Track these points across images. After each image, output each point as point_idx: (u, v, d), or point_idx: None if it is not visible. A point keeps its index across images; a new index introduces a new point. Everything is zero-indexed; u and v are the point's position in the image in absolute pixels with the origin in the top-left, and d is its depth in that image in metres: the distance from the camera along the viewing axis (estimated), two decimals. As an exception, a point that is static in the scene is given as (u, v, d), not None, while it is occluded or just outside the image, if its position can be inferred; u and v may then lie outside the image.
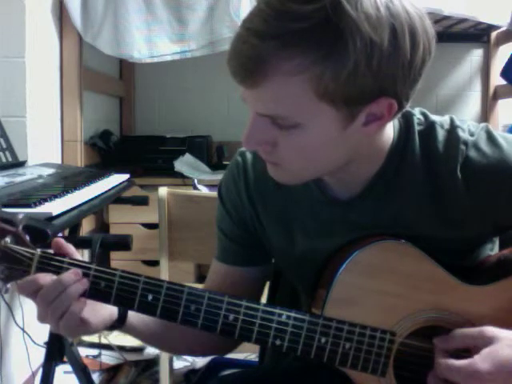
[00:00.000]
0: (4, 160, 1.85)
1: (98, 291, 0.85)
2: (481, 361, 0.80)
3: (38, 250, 0.85)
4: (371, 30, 0.74)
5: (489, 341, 0.82)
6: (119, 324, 0.92)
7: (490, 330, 0.84)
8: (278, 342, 0.86)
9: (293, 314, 0.87)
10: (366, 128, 0.82)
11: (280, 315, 0.87)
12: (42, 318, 0.86)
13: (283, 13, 0.74)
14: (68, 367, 1.80)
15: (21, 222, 0.86)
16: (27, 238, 0.85)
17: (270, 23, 0.75)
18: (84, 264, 0.85)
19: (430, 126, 0.91)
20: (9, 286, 0.85)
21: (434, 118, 0.93)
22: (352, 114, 0.79)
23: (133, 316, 0.93)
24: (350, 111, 0.79)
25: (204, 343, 1.03)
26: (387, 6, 0.75)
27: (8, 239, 0.84)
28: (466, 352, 0.84)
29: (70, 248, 0.88)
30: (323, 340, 0.86)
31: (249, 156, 1.01)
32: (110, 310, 0.90)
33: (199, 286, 0.92)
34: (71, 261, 0.85)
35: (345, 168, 0.88)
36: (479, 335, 0.84)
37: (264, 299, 1.11)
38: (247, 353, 2.02)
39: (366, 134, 0.84)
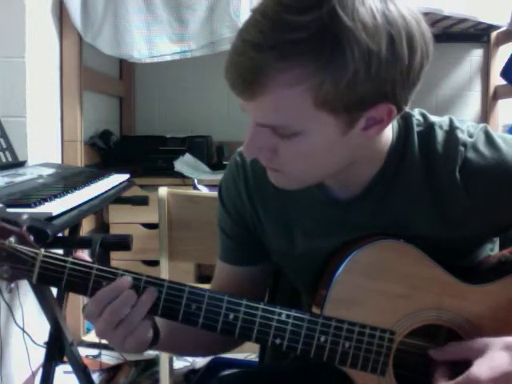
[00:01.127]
0: (4, 160, 1.85)
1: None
2: (478, 369, 0.80)
3: (42, 250, 0.85)
4: (368, 39, 0.73)
5: (482, 350, 0.82)
6: (154, 342, 0.90)
7: (481, 340, 0.84)
8: (277, 341, 0.86)
9: (293, 313, 0.87)
10: (365, 132, 0.82)
11: (280, 314, 0.87)
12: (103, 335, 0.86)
13: (279, 23, 0.74)
14: (68, 367, 1.79)
15: (25, 222, 0.86)
16: (31, 238, 0.86)
17: (267, 34, 0.74)
18: (86, 264, 0.85)
19: (429, 127, 0.91)
20: (12, 285, 0.86)
21: (433, 118, 0.93)
22: (352, 119, 0.79)
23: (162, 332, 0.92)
24: (350, 117, 0.79)
25: (206, 343, 1.03)
26: (384, 13, 0.75)
27: (12, 239, 0.84)
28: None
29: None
30: (323, 339, 0.87)
31: (247, 156, 1.01)
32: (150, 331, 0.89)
33: (199, 285, 0.92)
34: (74, 260, 0.85)
35: (345, 170, 0.88)
36: (471, 347, 0.84)
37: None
38: (247, 353, 2.02)
39: (366, 138, 0.84)
